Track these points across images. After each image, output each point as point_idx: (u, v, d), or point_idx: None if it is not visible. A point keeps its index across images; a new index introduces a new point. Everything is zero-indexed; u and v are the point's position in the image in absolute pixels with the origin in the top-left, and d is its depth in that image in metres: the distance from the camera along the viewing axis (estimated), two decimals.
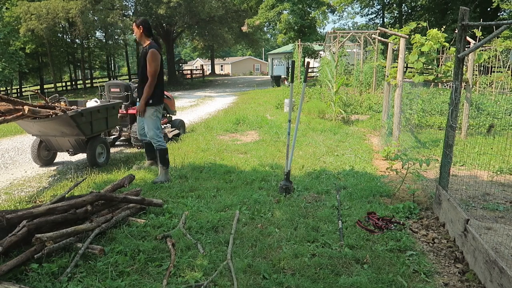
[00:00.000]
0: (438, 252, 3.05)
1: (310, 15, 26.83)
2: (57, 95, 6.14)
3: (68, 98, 7.52)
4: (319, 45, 24.07)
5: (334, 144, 7.16)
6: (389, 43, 7.69)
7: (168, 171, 4.93)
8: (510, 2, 19.64)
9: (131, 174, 4.13)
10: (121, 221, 3.41)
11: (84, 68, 36.34)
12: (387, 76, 7.22)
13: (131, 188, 4.17)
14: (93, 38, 33.31)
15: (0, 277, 2.46)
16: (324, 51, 19.43)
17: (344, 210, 3.86)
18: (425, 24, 8.87)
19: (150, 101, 4.80)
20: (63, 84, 34.70)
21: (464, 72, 4.44)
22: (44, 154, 5.99)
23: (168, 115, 8.36)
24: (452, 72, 3.74)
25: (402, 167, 4.35)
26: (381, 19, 34.41)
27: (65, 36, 32.08)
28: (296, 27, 25.36)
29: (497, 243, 2.98)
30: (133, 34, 5.15)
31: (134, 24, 4.93)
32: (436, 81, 6.82)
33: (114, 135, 7.36)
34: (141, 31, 4.82)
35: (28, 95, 23.88)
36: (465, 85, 7.08)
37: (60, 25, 27.85)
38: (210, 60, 53.24)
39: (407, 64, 9.44)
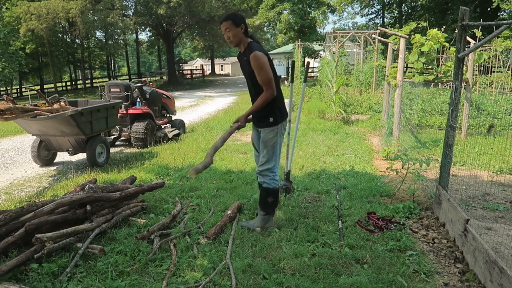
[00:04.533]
0: (438, 252, 3.05)
1: (310, 15, 26.87)
2: (57, 95, 6.15)
3: (68, 98, 7.52)
4: (319, 45, 24.08)
5: (334, 144, 7.16)
6: (389, 43, 7.69)
7: (271, 218, 3.44)
8: (510, 2, 19.64)
9: (132, 175, 4.13)
10: (121, 221, 3.41)
11: (84, 68, 36.35)
12: (387, 76, 7.21)
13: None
14: (93, 38, 33.30)
15: (0, 277, 2.46)
16: (324, 51, 19.43)
17: (344, 210, 3.86)
18: (425, 24, 8.86)
19: (271, 120, 3.25)
20: (63, 84, 34.71)
21: (464, 72, 4.44)
22: (44, 154, 5.99)
23: (168, 115, 8.39)
24: (452, 72, 3.74)
25: (402, 167, 4.35)
26: (381, 19, 34.45)
27: (65, 36, 32.07)
28: (296, 27, 25.39)
29: (497, 243, 2.98)
30: (226, 39, 3.20)
31: (227, 22, 3.11)
32: (436, 81, 6.82)
33: (114, 135, 7.37)
34: (242, 31, 3.17)
35: (28, 95, 23.88)
36: (465, 85, 7.08)
37: (60, 25, 27.87)
38: (210, 60, 53.23)
39: (407, 64, 9.44)
